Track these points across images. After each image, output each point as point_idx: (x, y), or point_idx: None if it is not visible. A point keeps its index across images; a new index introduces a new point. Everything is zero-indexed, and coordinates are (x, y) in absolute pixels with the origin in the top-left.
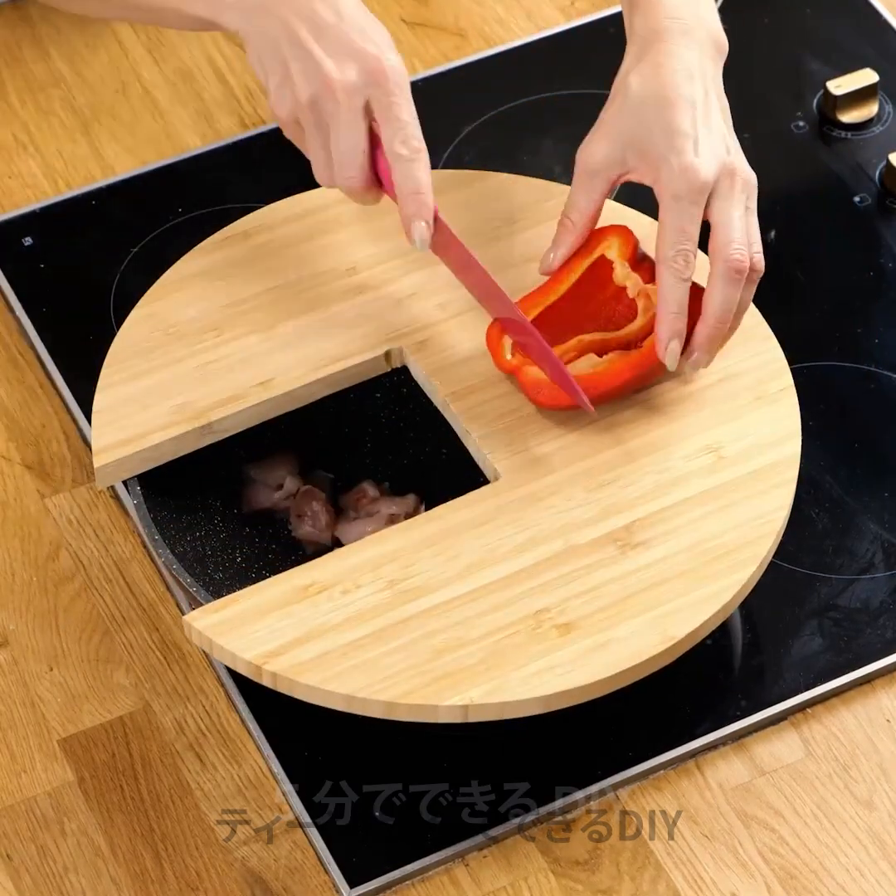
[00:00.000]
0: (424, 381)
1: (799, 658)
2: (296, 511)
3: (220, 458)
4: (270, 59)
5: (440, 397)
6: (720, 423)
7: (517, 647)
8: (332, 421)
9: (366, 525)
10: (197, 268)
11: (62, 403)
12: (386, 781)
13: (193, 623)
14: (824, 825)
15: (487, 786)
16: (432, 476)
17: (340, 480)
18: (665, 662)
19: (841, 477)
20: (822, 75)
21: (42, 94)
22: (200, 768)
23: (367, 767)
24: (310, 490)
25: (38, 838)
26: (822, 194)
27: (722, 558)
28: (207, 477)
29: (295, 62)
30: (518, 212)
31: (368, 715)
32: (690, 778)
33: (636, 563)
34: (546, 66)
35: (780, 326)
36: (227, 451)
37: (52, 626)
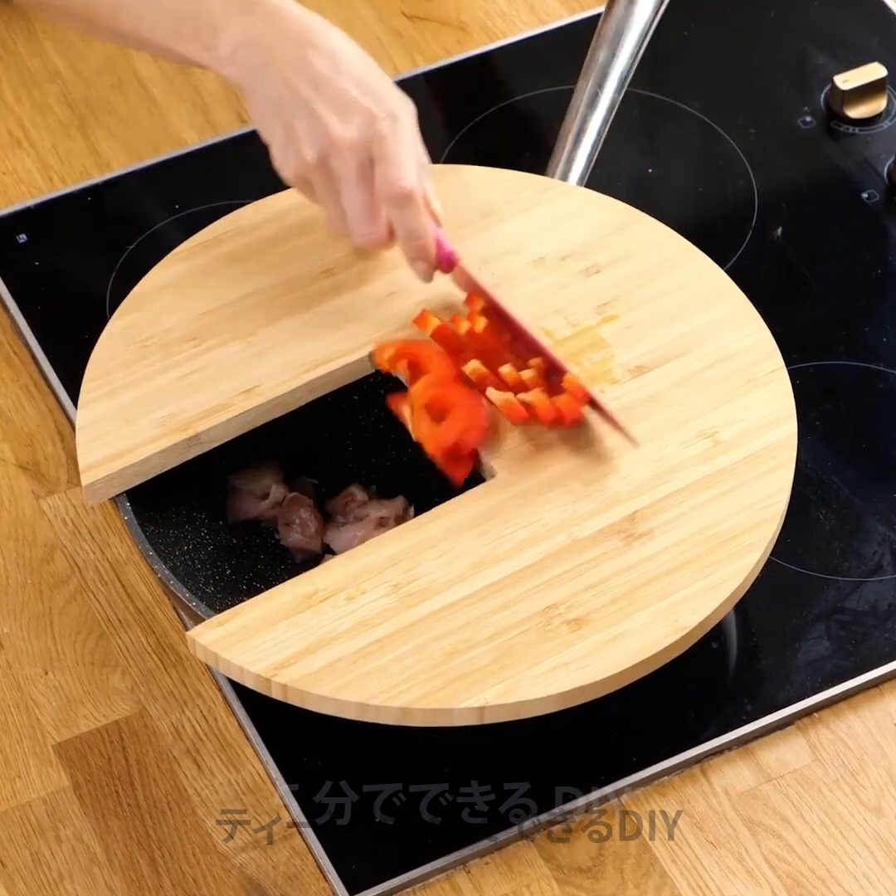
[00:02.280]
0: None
1: (806, 662)
2: (283, 519)
3: (202, 469)
4: (272, 120)
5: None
6: (714, 407)
7: (529, 646)
8: (313, 426)
9: (356, 530)
10: (170, 277)
11: (57, 403)
12: (386, 781)
13: (198, 639)
14: (832, 832)
15: (487, 786)
16: (417, 477)
17: (325, 486)
18: (677, 653)
19: (848, 477)
20: (830, 70)
21: (37, 88)
22: (198, 774)
23: (367, 767)
24: (296, 497)
25: (33, 845)
26: (830, 191)
27: (727, 544)
28: (191, 489)
29: (299, 121)
30: (493, 204)
31: (382, 722)
32: (695, 783)
33: (641, 553)
34: (549, 61)
35: (786, 325)
36: (209, 462)
37: (46, 630)
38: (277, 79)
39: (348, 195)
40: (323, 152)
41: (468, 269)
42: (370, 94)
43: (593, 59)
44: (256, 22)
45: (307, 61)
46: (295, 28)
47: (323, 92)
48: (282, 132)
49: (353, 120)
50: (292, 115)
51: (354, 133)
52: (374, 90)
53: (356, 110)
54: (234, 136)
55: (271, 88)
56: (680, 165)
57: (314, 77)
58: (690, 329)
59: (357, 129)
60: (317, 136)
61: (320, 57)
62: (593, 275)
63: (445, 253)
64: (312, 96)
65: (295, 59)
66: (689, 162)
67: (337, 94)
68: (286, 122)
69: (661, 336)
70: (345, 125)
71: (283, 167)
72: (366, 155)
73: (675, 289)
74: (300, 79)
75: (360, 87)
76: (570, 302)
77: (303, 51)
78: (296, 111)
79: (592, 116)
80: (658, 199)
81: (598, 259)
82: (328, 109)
